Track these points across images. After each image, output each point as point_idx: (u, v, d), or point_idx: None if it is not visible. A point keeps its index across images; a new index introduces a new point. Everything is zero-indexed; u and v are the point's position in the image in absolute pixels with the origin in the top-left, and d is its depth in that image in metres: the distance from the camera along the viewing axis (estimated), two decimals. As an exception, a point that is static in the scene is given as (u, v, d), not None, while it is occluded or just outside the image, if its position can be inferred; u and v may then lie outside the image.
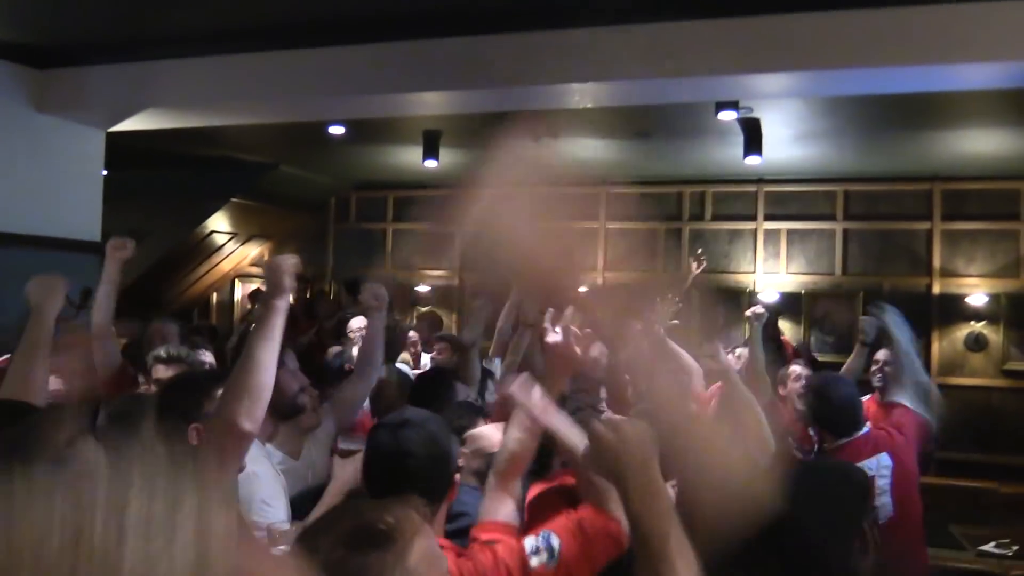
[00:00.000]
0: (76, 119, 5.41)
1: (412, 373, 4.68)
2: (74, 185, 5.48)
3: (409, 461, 1.81)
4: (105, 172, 5.71)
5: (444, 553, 1.51)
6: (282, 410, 2.77)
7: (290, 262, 2.01)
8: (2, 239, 4.90)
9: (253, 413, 1.86)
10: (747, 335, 4.48)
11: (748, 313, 4.18)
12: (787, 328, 8.07)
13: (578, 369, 2.16)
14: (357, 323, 5.04)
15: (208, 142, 7.32)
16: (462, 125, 6.19)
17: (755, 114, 5.91)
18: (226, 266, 10.16)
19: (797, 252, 8.64)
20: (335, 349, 5.52)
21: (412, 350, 5.57)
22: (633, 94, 4.62)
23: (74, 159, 5.48)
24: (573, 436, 1.88)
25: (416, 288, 9.60)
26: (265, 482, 2.46)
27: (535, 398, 1.95)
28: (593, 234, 8.47)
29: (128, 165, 5.94)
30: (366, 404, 3.61)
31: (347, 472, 2.18)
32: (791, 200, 8.62)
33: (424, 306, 9.48)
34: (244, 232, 9.82)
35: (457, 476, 1.95)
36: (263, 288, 2.16)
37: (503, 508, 1.91)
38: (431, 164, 7.14)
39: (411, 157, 7.62)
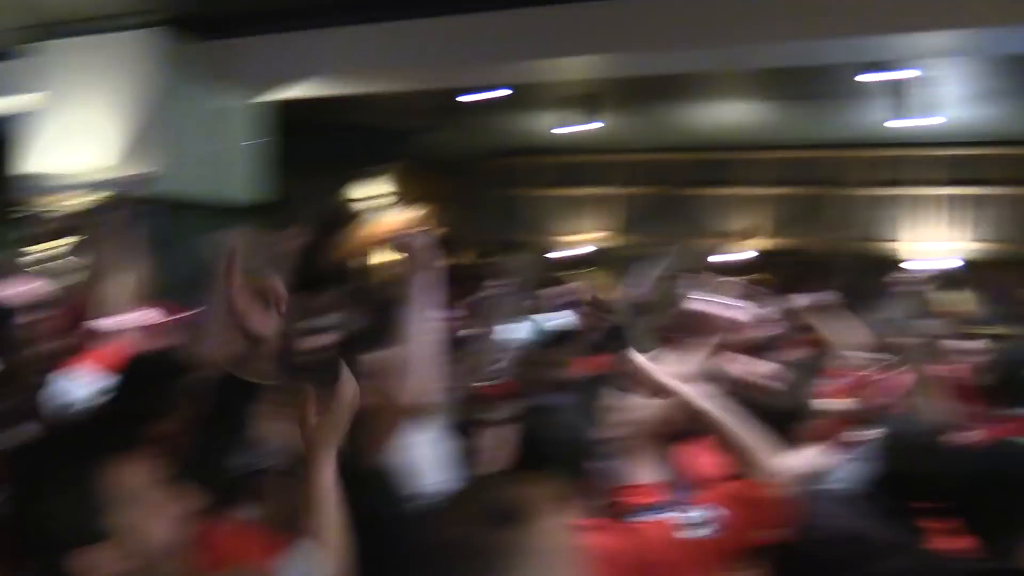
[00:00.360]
0: (236, 88, 5.68)
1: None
2: (236, 152, 5.76)
3: (548, 440, 1.80)
4: (267, 139, 5.99)
5: (594, 531, 1.50)
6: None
7: (423, 239, 2.01)
8: (173, 204, 5.21)
9: (412, 387, 1.89)
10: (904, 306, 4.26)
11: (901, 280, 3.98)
12: (954, 300, 7.62)
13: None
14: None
15: (360, 109, 7.55)
16: (612, 89, 6.14)
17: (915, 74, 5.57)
18: (376, 232, 10.48)
19: (971, 218, 8.14)
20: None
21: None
22: (791, 55, 4.46)
23: (235, 127, 5.76)
24: (705, 401, 1.84)
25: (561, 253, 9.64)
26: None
27: (666, 365, 1.91)
28: (744, 200, 8.26)
29: (290, 132, 6.21)
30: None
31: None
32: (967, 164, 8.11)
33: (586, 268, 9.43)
34: (395, 197, 10.08)
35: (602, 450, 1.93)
36: (405, 260, 2.17)
37: (650, 470, 1.89)
38: (579, 129, 7.14)
39: (557, 122, 7.64)
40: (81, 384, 2.57)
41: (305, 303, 3.77)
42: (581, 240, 9.68)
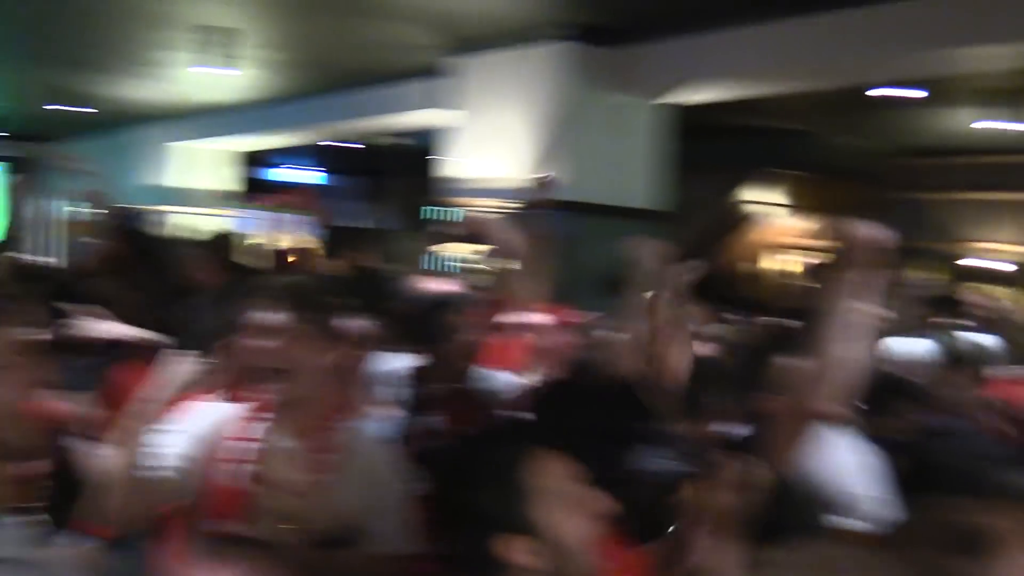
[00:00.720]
0: (638, 94, 5.82)
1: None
2: (635, 157, 5.90)
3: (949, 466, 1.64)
4: (668, 143, 6.07)
5: None
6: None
7: (860, 240, 1.88)
8: (577, 207, 5.47)
9: (828, 394, 1.84)
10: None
11: None
12: None
13: None
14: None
15: (759, 110, 7.41)
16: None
17: None
18: (767, 238, 10.22)
19: None
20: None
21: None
22: None
23: (638, 132, 5.91)
24: None
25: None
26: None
27: None
28: None
29: (689, 135, 6.27)
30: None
31: None
32: None
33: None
34: (793, 201, 9.77)
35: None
36: (828, 263, 2.05)
37: None
38: (1001, 126, 6.40)
39: (975, 118, 6.91)
40: (500, 378, 2.82)
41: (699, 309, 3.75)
42: (999, 251, 8.64)
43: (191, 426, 2.10)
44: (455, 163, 6.23)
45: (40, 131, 12.29)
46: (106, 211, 4.17)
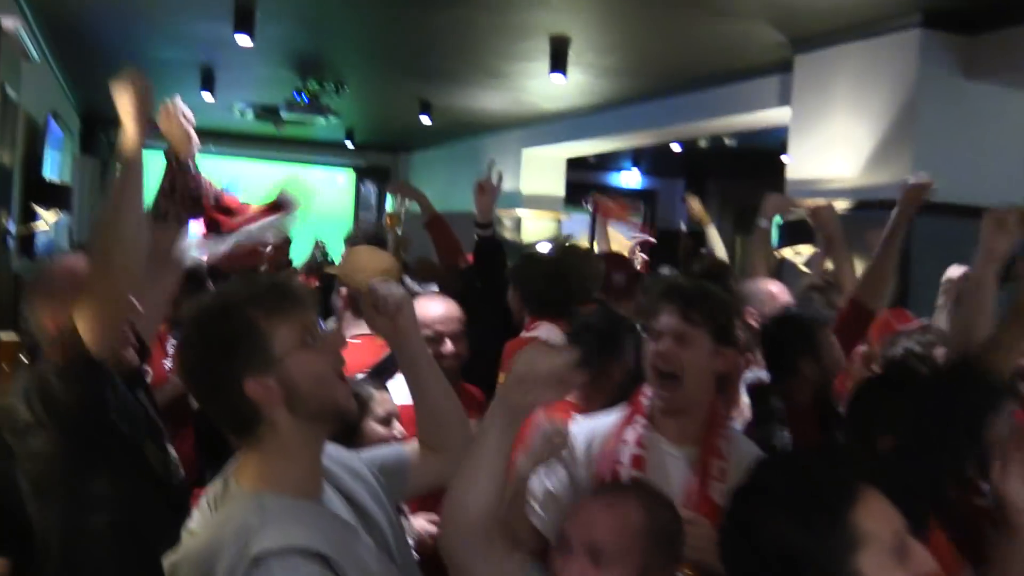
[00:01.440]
0: (996, 83, 5.48)
1: None
2: (1001, 153, 5.54)
3: None
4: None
5: None
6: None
7: None
8: (933, 208, 5.22)
9: None
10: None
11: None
12: None
13: None
14: None
15: None
16: None
17: None
18: None
19: None
20: None
21: None
22: None
23: (1000, 125, 5.55)
24: None
25: None
26: None
27: None
28: None
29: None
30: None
31: None
32: None
33: None
34: None
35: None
36: None
37: None
38: None
39: None
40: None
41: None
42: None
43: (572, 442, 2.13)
44: (796, 163, 6.18)
45: (388, 141, 13.78)
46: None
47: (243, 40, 6.24)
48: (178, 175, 2.10)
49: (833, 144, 5.90)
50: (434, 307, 3.05)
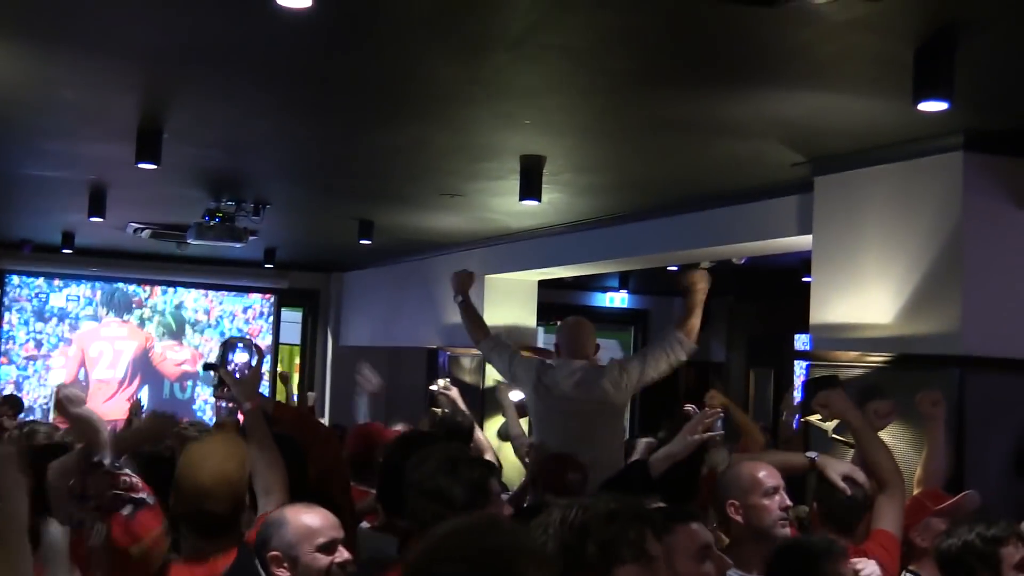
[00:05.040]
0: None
1: None
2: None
3: None
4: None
5: None
6: None
7: None
8: (981, 363, 5.39)
9: None
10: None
11: None
12: None
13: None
14: None
15: None
16: None
17: None
18: None
19: None
20: None
21: None
22: None
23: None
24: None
25: None
26: None
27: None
28: None
29: None
30: None
31: None
32: None
33: None
34: None
35: None
36: None
37: None
38: None
39: None
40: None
41: None
42: None
43: None
44: (821, 305, 6.32)
45: (318, 259, 13.94)
46: None
47: (147, 166, 6.39)
48: (91, 477, 2.11)
49: (864, 281, 6.03)
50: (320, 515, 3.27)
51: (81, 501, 2.03)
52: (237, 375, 4.29)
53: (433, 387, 7.54)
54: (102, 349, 14.11)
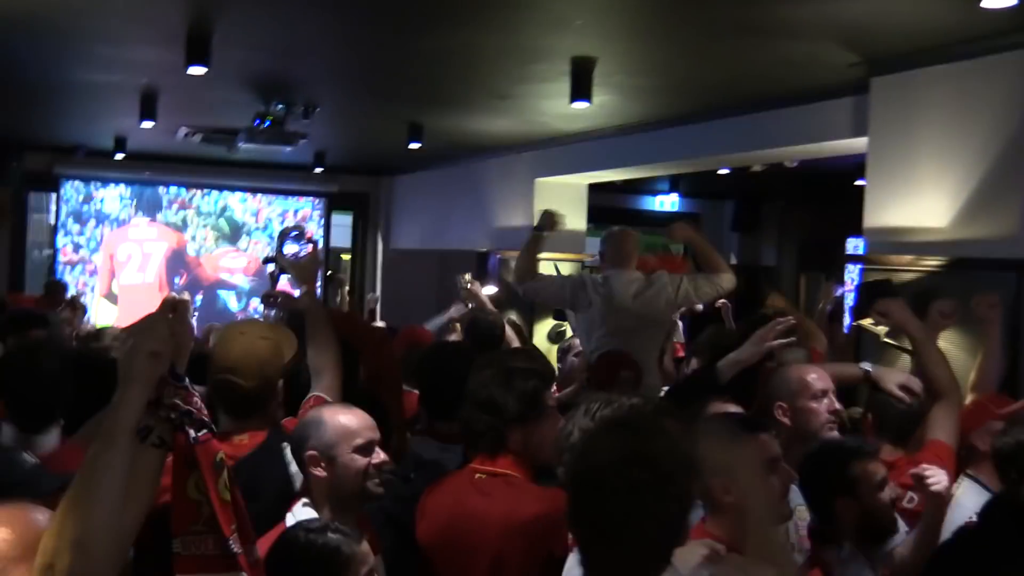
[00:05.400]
0: None
1: None
2: None
3: None
4: None
5: None
6: None
7: None
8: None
9: None
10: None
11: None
12: None
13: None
14: None
15: None
16: None
17: None
18: None
19: None
20: None
21: None
22: None
23: None
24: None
25: None
26: None
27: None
28: None
29: None
30: None
31: None
32: None
33: None
34: None
35: None
36: None
37: None
38: None
39: None
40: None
41: None
42: None
43: None
44: (875, 208, 6.27)
45: (367, 163, 13.98)
46: None
47: (197, 71, 6.42)
48: (167, 387, 2.12)
49: (920, 185, 5.98)
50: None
51: (156, 409, 2.06)
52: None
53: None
54: (130, 252, 14.02)
